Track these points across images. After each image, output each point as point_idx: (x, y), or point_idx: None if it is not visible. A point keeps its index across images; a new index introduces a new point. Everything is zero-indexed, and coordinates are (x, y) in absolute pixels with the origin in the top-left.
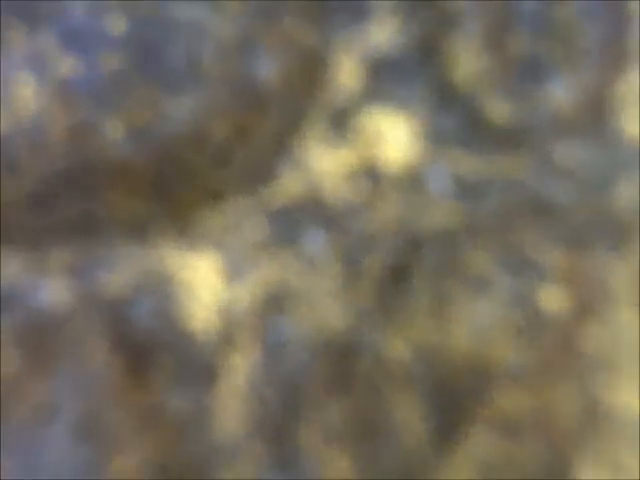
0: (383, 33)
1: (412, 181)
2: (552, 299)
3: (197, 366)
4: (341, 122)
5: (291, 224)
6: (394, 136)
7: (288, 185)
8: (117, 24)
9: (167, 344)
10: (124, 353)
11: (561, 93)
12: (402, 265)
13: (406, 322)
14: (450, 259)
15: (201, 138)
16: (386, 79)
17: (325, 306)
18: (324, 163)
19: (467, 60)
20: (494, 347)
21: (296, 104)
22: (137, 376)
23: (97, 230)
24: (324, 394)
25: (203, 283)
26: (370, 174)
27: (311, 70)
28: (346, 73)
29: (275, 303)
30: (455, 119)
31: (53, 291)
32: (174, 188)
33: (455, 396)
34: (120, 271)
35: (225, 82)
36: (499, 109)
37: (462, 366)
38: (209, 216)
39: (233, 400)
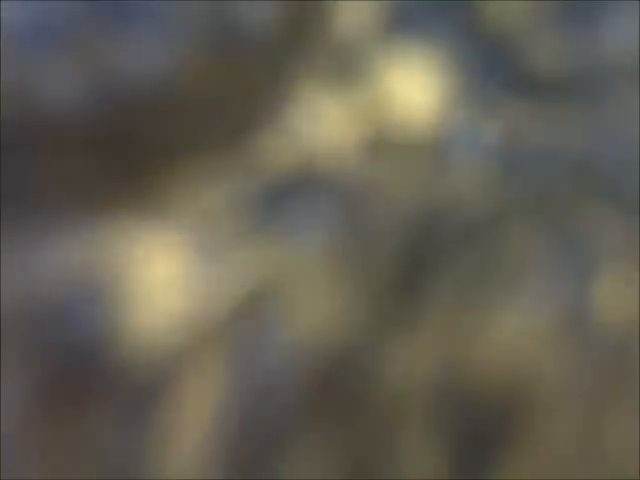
0: None
1: (433, 149)
2: (611, 301)
3: (146, 391)
4: (344, 74)
5: (278, 205)
6: (411, 91)
7: (276, 155)
8: None
9: (106, 361)
10: (47, 374)
11: (622, 36)
12: (418, 258)
13: (421, 331)
14: (481, 249)
15: (167, 94)
16: (402, 20)
17: (319, 311)
18: (321, 127)
19: None
20: (536, 363)
21: (286, 52)
22: (64, 405)
23: (32, 206)
24: (314, 423)
25: (161, 279)
26: (380, 140)
27: (307, 10)
28: (351, 13)
29: (254, 307)
30: (490, 69)
31: None
32: (131, 156)
33: (485, 425)
34: (54, 262)
35: (198, 26)
36: (545, 56)
37: (494, 387)
38: (174, 193)
39: (194, 434)
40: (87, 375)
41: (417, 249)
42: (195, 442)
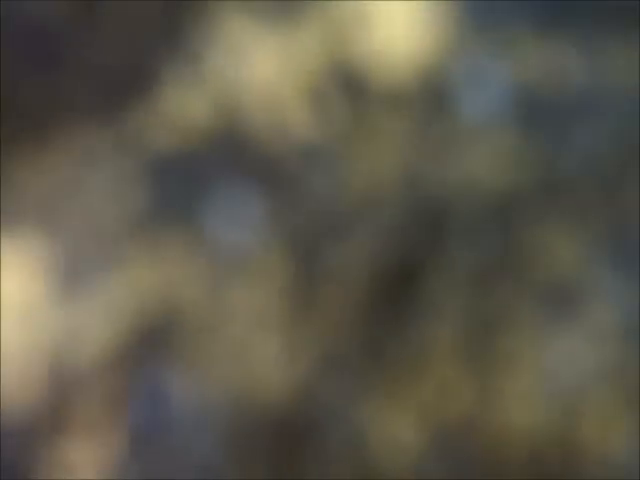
0: None
1: (425, 102)
2: None
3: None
4: None
5: (182, 194)
6: (392, 18)
7: (181, 113)
8: None
9: None
10: None
11: None
12: (405, 268)
13: (409, 380)
14: (498, 250)
15: (19, 27)
16: None
17: (253, 351)
18: (250, 68)
19: None
20: (585, 420)
21: None
22: None
23: None
24: None
25: (15, 307)
26: (347, 83)
27: None
28: None
29: (154, 343)
30: None
31: None
32: None
33: None
34: None
35: None
36: None
37: (520, 454)
38: (24, 185)
39: None
40: None
41: (402, 256)
42: None
